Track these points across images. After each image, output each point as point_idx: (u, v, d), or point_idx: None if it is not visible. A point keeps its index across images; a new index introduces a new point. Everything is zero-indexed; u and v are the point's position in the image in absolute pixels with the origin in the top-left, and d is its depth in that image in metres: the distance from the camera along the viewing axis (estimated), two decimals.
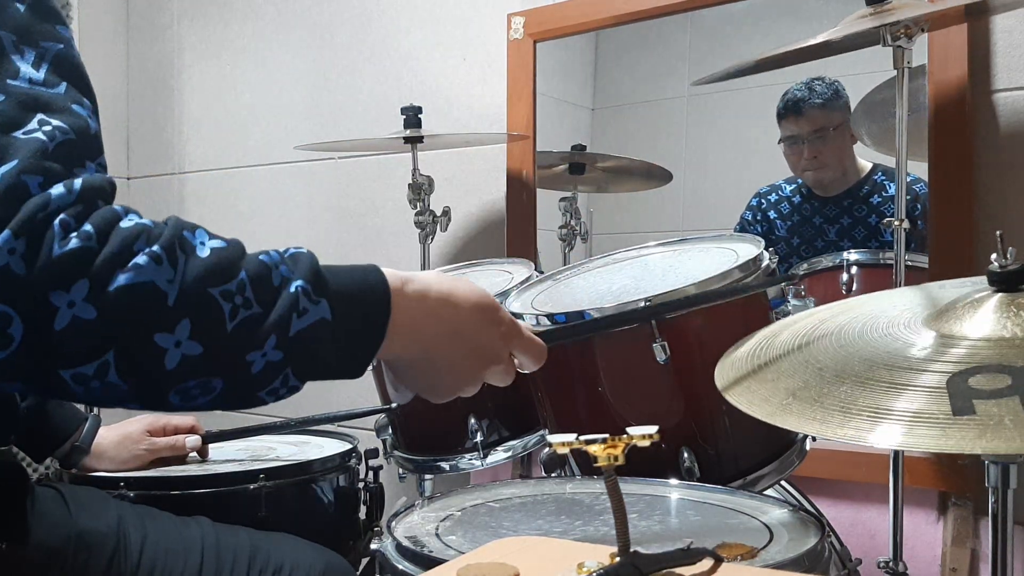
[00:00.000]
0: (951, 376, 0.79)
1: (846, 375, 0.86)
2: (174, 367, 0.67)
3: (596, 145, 2.08)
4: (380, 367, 1.58)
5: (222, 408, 0.74)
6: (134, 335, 0.66)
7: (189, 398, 0.70)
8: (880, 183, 1.75)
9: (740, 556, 0.90)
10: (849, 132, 1.77)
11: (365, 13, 2.40)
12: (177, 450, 1.46)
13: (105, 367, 0.66)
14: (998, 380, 0.77)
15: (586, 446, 0.62)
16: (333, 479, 1.48)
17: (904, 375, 0.82)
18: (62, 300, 0.64)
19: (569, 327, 1.22)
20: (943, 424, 0.74)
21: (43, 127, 0.69)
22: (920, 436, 0.75)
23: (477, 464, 1.50)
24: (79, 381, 0.66)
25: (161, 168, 2.86)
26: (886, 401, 0.79)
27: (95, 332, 0.65)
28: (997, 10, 1.49)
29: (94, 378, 0.66)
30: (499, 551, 0.75)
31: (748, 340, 1.04)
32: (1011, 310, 0.85)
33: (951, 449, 0.72)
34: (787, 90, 1.79)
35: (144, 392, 0.69)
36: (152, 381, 0.68)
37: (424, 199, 1.95)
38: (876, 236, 1.72)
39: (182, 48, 2.78)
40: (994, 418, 0.73)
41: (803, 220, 1.81)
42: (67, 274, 0.65)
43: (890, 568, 1.39)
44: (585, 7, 1.96)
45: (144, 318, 0.66)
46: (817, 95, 1.75)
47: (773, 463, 1.26)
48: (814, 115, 1.77)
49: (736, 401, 0.90)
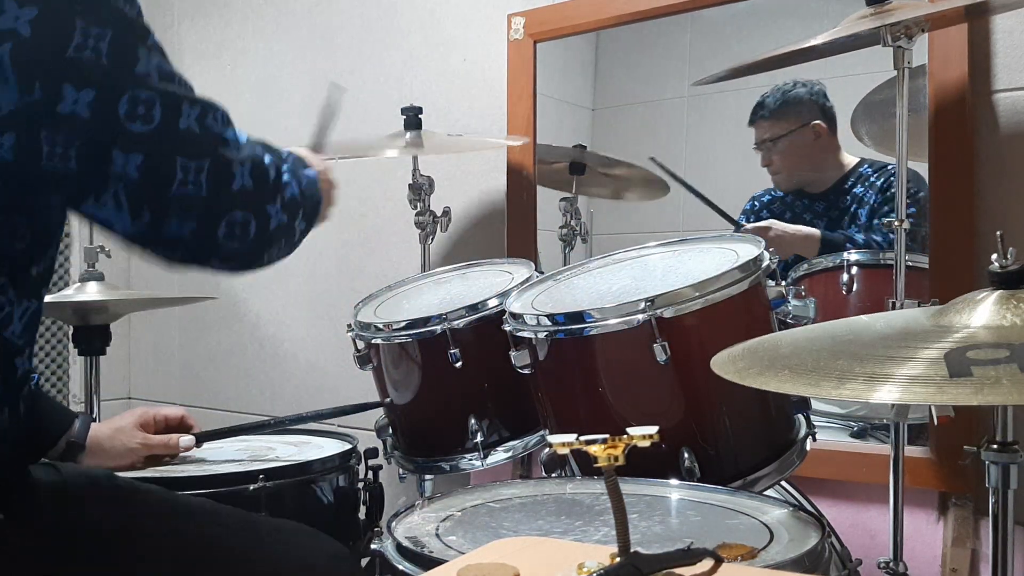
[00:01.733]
0: (949, 351, 0.78)
1: (844, 353, 0.85)
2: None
3: (596, 145, 2.08)
4: (380, 367, 1.59)
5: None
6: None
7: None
8: (865, 174, 1.77)
9: (740, 556, 0.90)
10: (817, 132, 1.80)
11: (365, 13, 2.40)
12: (171, 448, 1.46)
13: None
14: (996, 353, 0.76)
15: (586, 446, 0.62)
16: (333, 479, 1.48)
17: (901, 350, 0.81)
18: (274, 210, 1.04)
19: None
20: (940, 385, 0.74)
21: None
22: (917, 393, 0.74)
23: (477, 464, 1.50)
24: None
25: None
26: (884, 368, 0.79)
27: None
28: (997, 10, 1.49)
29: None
30: (499, 551, 0.75)
31: (743, 346, 1.03)
32: (1011, 303, 0.85)
33: (947, 401, 0.72)
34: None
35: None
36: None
37: (424, 199, 1.95)
38: (854, 221, 1.75)
39: (182, 48, 2.78)
40: (991, 379, 0.72)
41: (794, 217, 1.82)
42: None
43: (890, 568, 1.39)
44: (585, 7, 1.96)
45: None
46: (766, 108, 1.82)
47: (773, 463, 1.26)
48: (763, 126, 1.83)
49: (731, 376, 0.89)
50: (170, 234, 0.97)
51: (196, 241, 0.99)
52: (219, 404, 2.71)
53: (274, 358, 2.61)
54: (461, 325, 1.46)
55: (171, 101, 0.96)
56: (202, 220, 0.98)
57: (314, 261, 2.50)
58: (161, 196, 0.95)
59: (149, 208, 0.96)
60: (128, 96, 0.92)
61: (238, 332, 2.69)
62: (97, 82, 0.91)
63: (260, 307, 2.64)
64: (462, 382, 1.49)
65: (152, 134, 0.94)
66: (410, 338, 1.50)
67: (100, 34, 0.91)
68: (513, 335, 1.32)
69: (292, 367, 2.57)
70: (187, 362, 2.81)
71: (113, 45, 0.92)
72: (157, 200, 0.96)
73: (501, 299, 1.45)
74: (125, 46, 0.93)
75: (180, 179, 0.95)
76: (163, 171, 0.95)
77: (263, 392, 2.64)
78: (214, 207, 0.98)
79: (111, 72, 0.92)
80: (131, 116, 0.92)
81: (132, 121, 0.92)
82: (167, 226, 0.97)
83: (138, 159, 0.93)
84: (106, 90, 0.91)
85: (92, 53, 0.90)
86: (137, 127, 0.93)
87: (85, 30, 0.90)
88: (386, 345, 1.55)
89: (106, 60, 0.91)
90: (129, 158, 0.93)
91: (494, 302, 1.47)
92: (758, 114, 1.83)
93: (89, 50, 0.90)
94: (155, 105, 0.94)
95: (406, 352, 1.53)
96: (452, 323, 1.46)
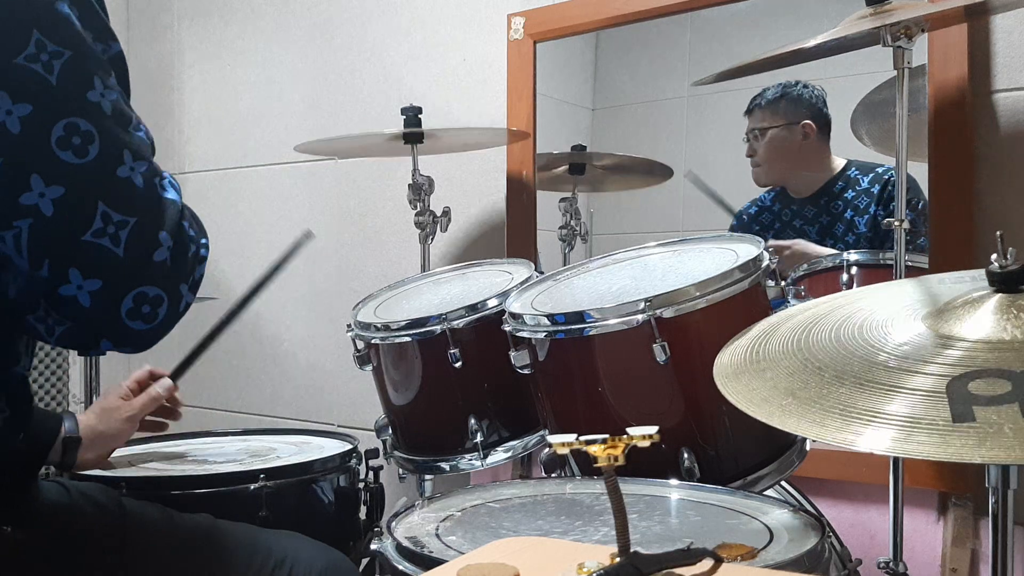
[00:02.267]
0: (951, 380, 0.79)
1: (846, 376, 0.85)
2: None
3: (596, 145, 2.08)
4: (380, 367, 1.59)
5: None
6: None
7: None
8: (854, 178, 1.77)
9: (740, 556, 0.90)
10: (806, 132, 1.80)
11: (365, 13, 2.40)
12: (156, 399, 1.46)
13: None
14: (998, 386, 0.77)
15: (586, 446, 0.62)
16: (333, 479, 1.49)
17: (903, 377, 0.82)
18: (186, 288, 0.93)
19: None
20: (942, 431, 0.74)
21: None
22: (920, 444, 0.75)
23: (477, 464, 1.50)
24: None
25: (161, 167, 2.85)
26: (885, 405, 0.79)
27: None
28: (997, 10, 1.49)
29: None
30: (499, 551, 0.75)
31: (747, 333, 1.03)
32: (1011, 312, 0.85)
33: (951, 458, 0.72)
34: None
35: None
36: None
37: (424, 199, 1.95)
38: (852, 230, 1.75)
39: (182, 48, 2.78)
40: (993, 426, 0.73)
41: (784, 226, 1.83)
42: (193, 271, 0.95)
43: (890, 568, 1.39)
44: (585, 7, 1.96)
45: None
46: (762, 98, 1.83)
47: (773, 463, 1.26)
48: (758, 114, 1.84)
49: (736, 400, 0.90)
50: (67, 290, 0.86)
51: (95, 308, 0.87)
52: (219, 404, 2.71)
53: (274, 358, 2.61)
54: (461, 325, 1.46)
55: (113, 142, 0.88)
56: (109, 284, 0.87)
57: (314, 261, 2.50)
58: (70, 241, 0.85)
59: (51, 256, 0.85)
60: (67, 122, 0.85)
61: (238, 332, 2.68)
62: (36, 97, 0.84)
63: (260, 307, 2.63)
64: (462, 382, 1.49)
65: (81, 169, 0.85)
66: (410, 338, 1.50)
67: (57, 52, 0.85)
68: (513, 335, 1.32)
69: (292, 367, 2.57)
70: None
71: (67, 66, 0.85)
72: (64, 245, 0.85)
73: (501, 299, 1.45)
74: (81, 70, 0.87)
75: (98, 228, 0.86)
76: (81, 213, 0.86)
77: (263, 392, 2.64)
78: (128, 273, 0.88)
79: (56, 91, 0.85)
80: (63, 143, 0.85)
81: (63, 149, 0.85)
82: (67, 279, 0.86)
83: (58, 192, 0.84)
84: (44, 109, 0.85)
85: (42, 68, 0.84)
86: (67, 157, 0.85)
87: (41, 43, 0.85)
88: (386, 345, 1.55)
89: (55, 79, 0.85)
90: (48, 190, 0.84)
91: (494, 302, 1.47)
92: (754, 103, 1.84)
93: (40, 64, 0.84)
94: (94, 140, 0.86)
95: (406, 352, 1.53)
96: (452, 323, 1.46)
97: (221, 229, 2.70)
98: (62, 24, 0.87)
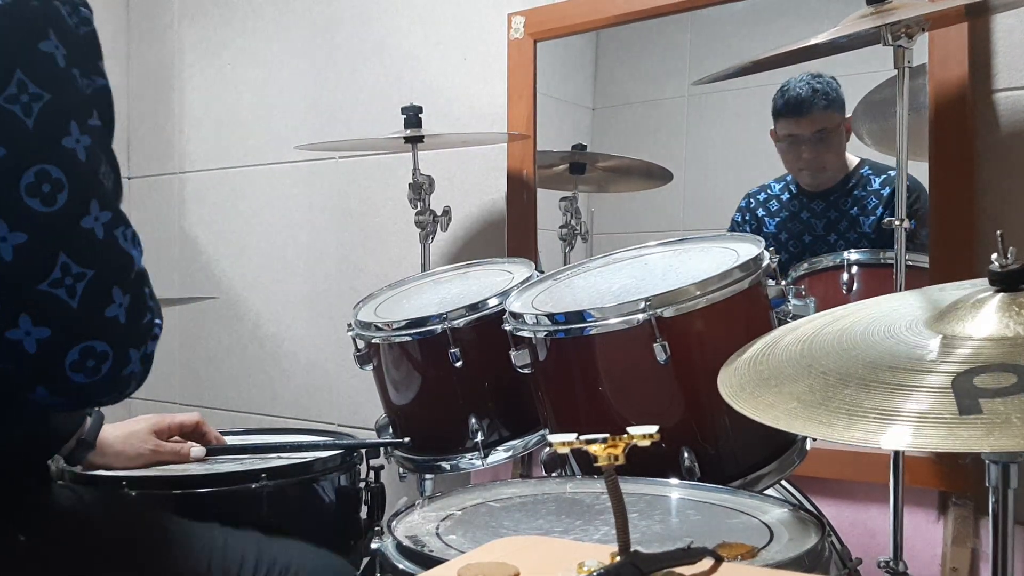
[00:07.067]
0: (956, 376, 0.79)
1: (850, 378, 0.86)
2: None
3: (596, 145, 2.08)
4: (380, 366, 1.59)
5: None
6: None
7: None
8: (866, 176, 1.76)
9: (740, 556, 0.90)
10: (845, 130, 1.78)
11: (365, 13, 2.40)
12: (181, 457, 1.46)
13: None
14: (1003, 379, 0.77)
15: (586, 446, 0.62)
16: (334, 479, 1.48)
17: (909, 376, 0.82)
18: (135, 354, 0.91)
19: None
20: (950, 424, 0.74)
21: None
22: (927, 436, 0.75)
23: (478, 464, 1.50)
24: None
25: (161, 168, 2.86)
26: (892, 403, 0.80)
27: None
28: (997, 9, 1.49)
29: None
30: (499, 551, 0.75)
31: (750, 347, 1.04)
32: (1013, 309, 0.85)
33: (958, 448, 0.73)
34: (786, 85, 1.77)
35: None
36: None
37: (424, 199, 1.95)
38: (856, 228, 1.74)
39: (182, 48, 2.79)
40: (1000, 416, 0.73)
41: (791, 216, 1.82)
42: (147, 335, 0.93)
43: (890, 568, 1.39)
44: (585, 7, 1.96)
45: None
46: (821, 96, 1.74)
47: (773, 463, 1.26)
48: (817, 117, 1.76)
49: (742, 409, 0.90)
50: (14, 334, 0.85)
51: (40, 356, 0.85)
52: (219, 404, 2.71)
53: (274, 358, 2.61)
54: (461, 324, 1.46)
55: (83, 190, 0.86)
56: (58, 334, 0.86)
57: (314, 261, 2.50)
58: (25, 288, 0.84)
59: (2, 301, 0.84)
60: (38, 168, 0.84)
61: (238, 332, 2.69)
62: (12, 141, 0.83)
63: (260, 307, 2.64)
64: (462, 382, 1.49)
65: (46, 217, 0.84)
66: (410, 337, 1.51)
67: (37, 95, 0.84)
68: (513, 334, 1.32)
69: (292, 367, 2.57)
70: (187, 362, 2.81)
71: (45, 109, 0.84)
72: (19, 291, 0.84)
73: (501, 298, 1.45)
74: (59, 114, 0.85)
75: (55, 278, 0.85)
76: (40, 262, 0.84)
77: (263, 392, 2.64)
78: (77, 325, 0.86)
79: (32, 137, 0.84)
80: (32, 190, 0.84)
81: (32, 196, 0.83)
82: (16, 324, 0.84)
83: (20, 239, 0.83)
84: (18, 154, 0.83)
85: (21, 110, 0.83)
86: (34, 204, 0.84)
87: (22, 83, 0.83)
88: (386, 344, 1.55)
89: (32, 123, 0.83)
90: (11, 235, 0.83)
91: (494, 301, 1.47)
92: (810, 104, 1.75)
93: (19, 105, 0.83)
94: (63, 189, 0.85)
95: (406, 351, 1.53)
96: (452, 322, 1.46)
97: (221, 229, 2.71)
98: (44, 64, 0.85)
